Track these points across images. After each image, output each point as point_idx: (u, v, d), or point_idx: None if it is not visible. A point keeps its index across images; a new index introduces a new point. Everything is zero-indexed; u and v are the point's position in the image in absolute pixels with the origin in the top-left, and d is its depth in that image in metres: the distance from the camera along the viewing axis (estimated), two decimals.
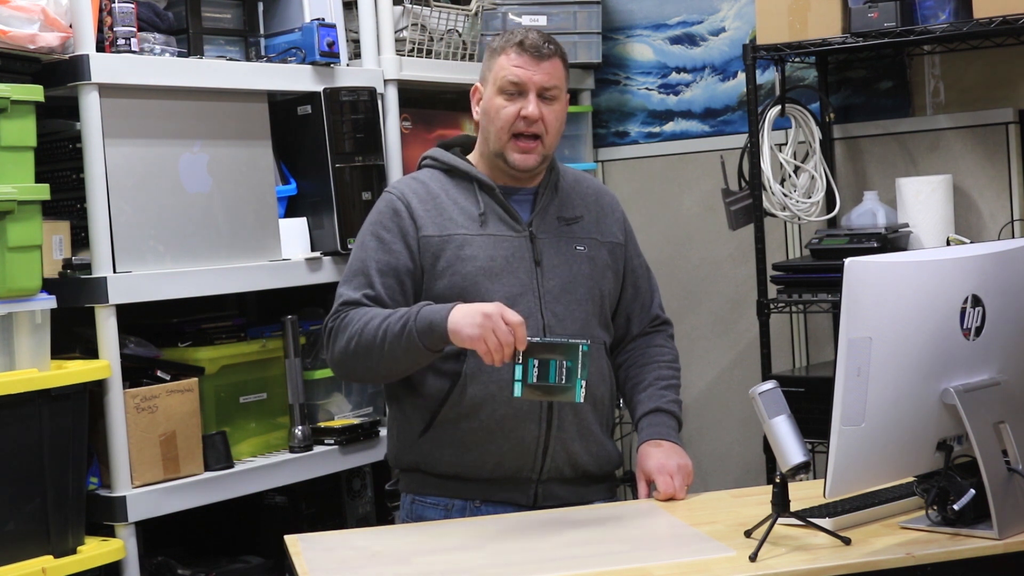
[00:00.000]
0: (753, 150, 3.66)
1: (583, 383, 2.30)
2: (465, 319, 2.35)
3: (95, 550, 2.81)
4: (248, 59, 3.38)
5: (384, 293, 2.55)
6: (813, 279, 3.58)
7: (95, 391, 2.87)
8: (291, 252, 3.34)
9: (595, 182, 2.81)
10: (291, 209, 3.45)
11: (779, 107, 3.71)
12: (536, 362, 2.31)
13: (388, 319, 2.46)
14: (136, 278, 2.94)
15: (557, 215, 2.65)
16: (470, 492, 2.56)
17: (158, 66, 3.02)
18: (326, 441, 3.37)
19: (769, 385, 2.15)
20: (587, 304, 2.62)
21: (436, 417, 2.55)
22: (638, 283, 2.76)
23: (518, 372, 2.31)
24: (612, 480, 2.70)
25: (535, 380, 2.31)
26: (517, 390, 2.31)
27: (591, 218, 2.70)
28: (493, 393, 2.52)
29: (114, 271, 2.91)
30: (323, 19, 3.38)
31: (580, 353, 2.29)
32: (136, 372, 3.01)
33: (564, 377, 2.31)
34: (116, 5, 2.94)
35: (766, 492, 2.17)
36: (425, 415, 2.57)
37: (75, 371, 2.78)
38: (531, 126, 2.57)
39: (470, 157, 2.70)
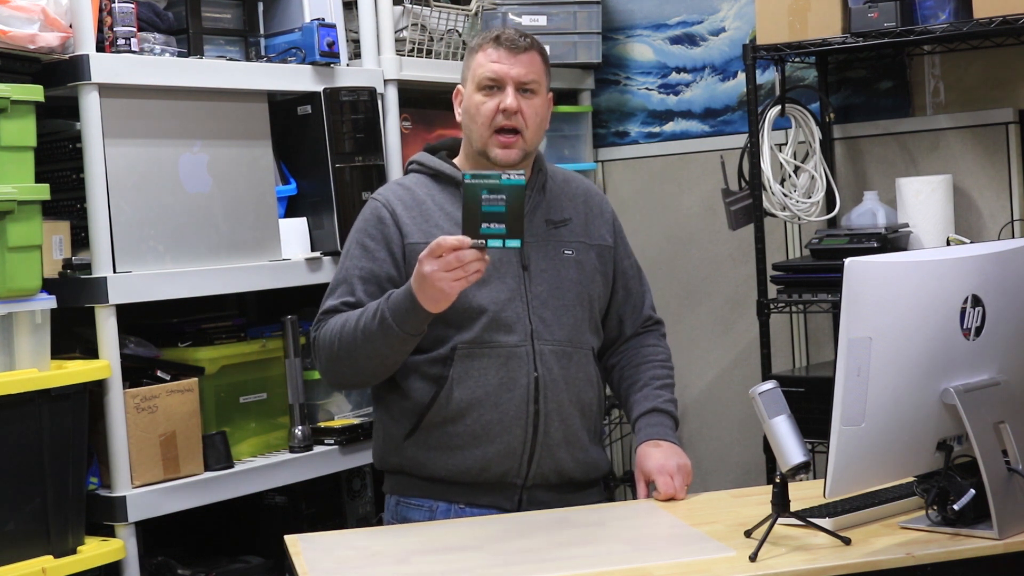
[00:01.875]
0: (753, 150, 3.66)
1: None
2: (424, 294, 2.34)
3: (95, 550, 2.82)
4: (248, 59, 3.37)
5: (365, 300, 2.54)
6: (813, 279, 3.58)
7: (95, 391, 2.87)
8: (291, 252, 3.34)
9: (585, 182, 2.79)
10: (291, 209, 3.45)
11: (779, 107, 3.71)
12: (489, 225, 2.28)
13: (363, 316, 2.47)
14: (136, 278, 2.94)
15: (545, 218, 2.64)
16: (455, 495, 2.55)
17: (158, 66, 3.02)
18: (326, 441, 3.37)
19: (769, 385, 2.15)
20: (575, 309, 2.60)
21: (422, 421, 2.54)
22: (629, 284, 2.75)
23: (495, 243, 2.28)
24: (598, 486, 2.69)
25: (505, 226, 2.28)
26: (517, 243, 2.29)
27: (579, 220, 2.68)
28: (480, 398, 2.51)
29: (114, 271, 2.91)
30: (323, 19, 3.38)
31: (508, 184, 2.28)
32: (136, 372, 3.02)
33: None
34: (116, 5, 2.94)
35: (766, 492, 2.17)
36: (411, 418, 2.56)
37: (75, 371, 2.78)
38: (510, 119, 2.55)
39: (456, 160, 2.69)
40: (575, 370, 2.58)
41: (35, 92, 2.75)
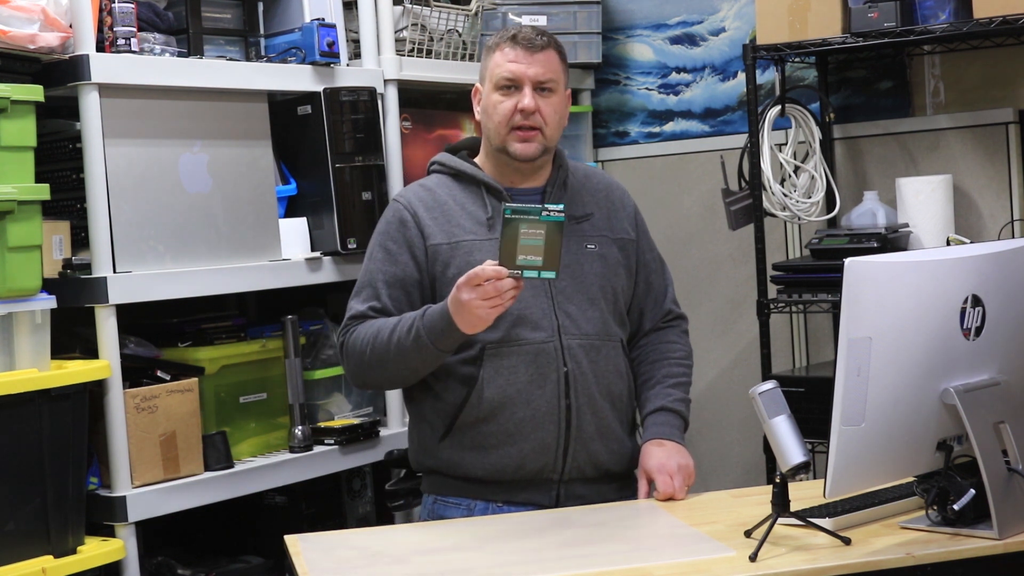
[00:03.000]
0: (753, 150, 3.66)
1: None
2: (461, 318, 2.39)
3: (95, 550, 2.82)
4: (248, 59, 3.37)
5: (391, 305, 2.57)
6: (813, 279, 3.58)
7: (95, 391, 2.87)
8: (291, 252, 3.34)
9: (606, 177, 2.80)
10: (291, 209, 3.45)
11: (779, 107, 3.71)
12: (526, 256, 2.31)
13: (397, 329, 2.49)
14: (136, 278, 2.94)
15: (567, 213, 2.64)
16: (492, 493, 2.56)
17: (158, 66, 3.02)
18: (326, 441, 3.37)
19: (769, 385, 2.15)
20: (600, 303, 2.61)
21: (455, 421, 2.55)
22: (650, 278, 2.75)
23: (531, 274, 2.32)
24: (633, 477, 2.70)
25: (541, 258, 2.31)
26: (552, 275, 2.32)
27: (601, 215, 2.69)
28: (511, 396, 2.52)
29: (114, 271, 2.91)
30: (323, 19, 3.38)
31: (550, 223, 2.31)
32: (136, 372, 3.01)
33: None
34: (116, 5, 2.94)
35: (766, 492, 2.17)
36: (445, 419, 2.57)
37: (75, 371, 2.78)
38: (528, 118, 2.57)
39: (477, 159, 2.70)
40: (604, 363, 2.59)
41: (35, 92, 2.75)
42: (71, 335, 3.05)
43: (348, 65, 3.51)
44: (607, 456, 2.59)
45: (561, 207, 2.32)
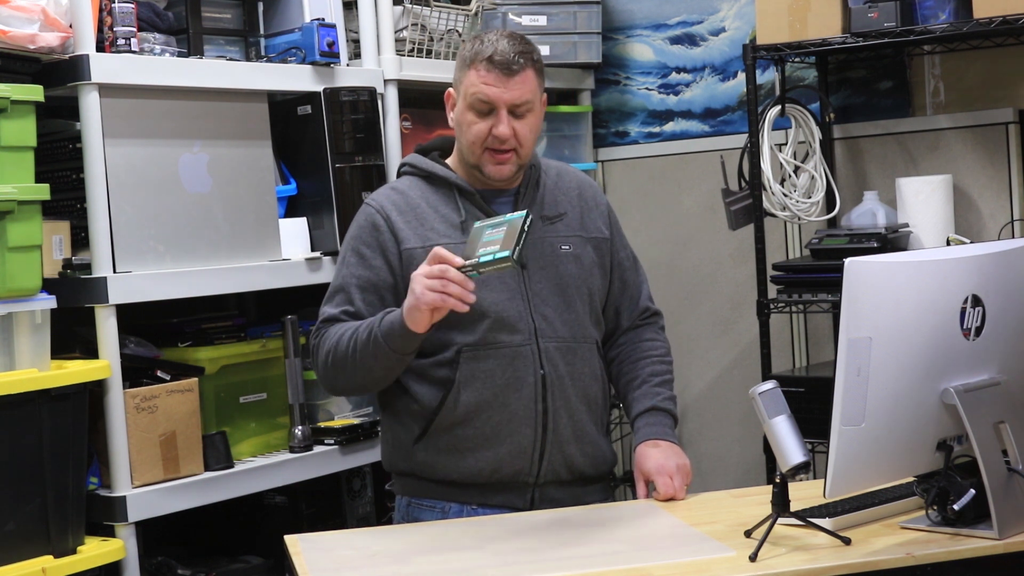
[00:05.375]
0: (753, 150, 3.66)
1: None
2: (408, 308, 2.36)
3: (95, 550, 2.82)
4: (248, 59, 3.38)
5: (364, 309, 2.55)
6: (813, 279, 3.58)
7: (95, 391, 2.87)
8: (291, 252, 3.34)
9: (578, 175, 2.76)
10: (291, 209, 3.45)
11: (779, 107, 3.71)
12: (487, 247, 2.29)
13: (357, 330, 2.48)
14: (136, 278, 2.94)
15: (539, 215, 2.62)
16: (467, 496, 2.55)
17: (158, 66, 3.03)
18: (326, 441, 3.37)
19: (769, 385, 2.15)
20: (576, 304, 2.60)
21: (431, 425, 2.54)
22: (625, 276, 2.73)
23: (486, 258, 2.28)
24: (608, 480, 2.70)
25: (499, 245, 2.27)
26: (506, 254, 2.26)
27: (574, 214, 2.67)
28: (487, 399, 2.51)
29: (114, 271, 2.91)
30: (323, 19, 3.39)
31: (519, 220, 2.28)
32: (136, 372, 3.02)
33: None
34: (116, 5, 2.94)
35: (766, 492, 2.17)
36: (420, 422, 2.56)
37: (75, 371, 2.78)
38: (503, 143, 2.53)
39: (449, 160, 2.66)
40: (580, 365, 2.58)
41: (35, 92, 2.75)
42: (71, 335, 3.05)
43: (348, 65, 3.51)
44: (582, 459, 2.58)
45: (524, 213, 2.29)
